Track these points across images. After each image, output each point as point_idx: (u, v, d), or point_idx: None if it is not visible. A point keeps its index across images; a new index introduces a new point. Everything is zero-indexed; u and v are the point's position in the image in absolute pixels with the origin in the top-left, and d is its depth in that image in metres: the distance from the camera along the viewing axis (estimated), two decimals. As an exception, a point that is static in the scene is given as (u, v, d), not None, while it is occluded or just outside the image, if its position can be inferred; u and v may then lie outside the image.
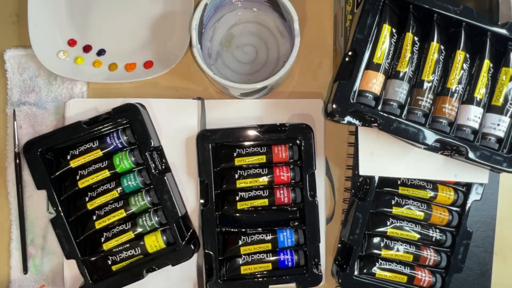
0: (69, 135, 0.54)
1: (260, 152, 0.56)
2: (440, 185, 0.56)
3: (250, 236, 0.56)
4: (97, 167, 0.54)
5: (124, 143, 0.54)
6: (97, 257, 0.55)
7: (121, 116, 0.54)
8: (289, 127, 0.56)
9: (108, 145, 0.54)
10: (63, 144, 0.55)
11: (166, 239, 0.54)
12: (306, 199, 0.56)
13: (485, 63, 0.49)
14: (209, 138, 0.55)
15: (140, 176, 0.55)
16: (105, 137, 0.54)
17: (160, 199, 0.54)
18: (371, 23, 0.48)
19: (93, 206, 0.54)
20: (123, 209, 0.54)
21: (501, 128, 0.49)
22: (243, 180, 0.55)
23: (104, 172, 0.54)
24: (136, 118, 0.54)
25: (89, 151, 0.54)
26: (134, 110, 0.54)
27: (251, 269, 0.55)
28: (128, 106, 0.54)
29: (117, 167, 0.54)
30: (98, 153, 0.54)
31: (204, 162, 0.55)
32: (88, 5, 0.60)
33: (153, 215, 0.55)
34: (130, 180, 0.54)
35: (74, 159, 0.54)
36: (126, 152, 0.55)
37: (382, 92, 0.49)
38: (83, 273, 0.54)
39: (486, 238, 0.59)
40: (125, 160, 0.54)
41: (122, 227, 0.55)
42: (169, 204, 0.54)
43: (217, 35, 0.60)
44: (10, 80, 0.59)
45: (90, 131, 0.54)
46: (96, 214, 0.54)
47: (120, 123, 0.55)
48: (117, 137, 0.54)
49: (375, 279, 0.55)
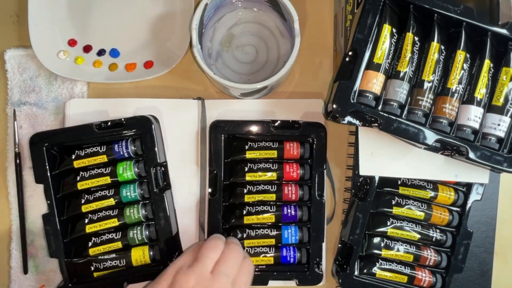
0: (79, 135, 0.54)
1: (272, 147, 0.56)
2: (441, 185, 0.56)
3: (255, 230, 0.56)
4: (100, 172, 0.54)
5: (131, 153, 0.54)
6: (81, 261, 0.55)
7: (133, 126, 0.54)
8: (303, 124, 0.56)
9: (115, 153, 0.54)
10: (70, 143, 0.55)
11: (152, 255, 0.54)
12: (313, 198, 0.56)
13: (486, 63, 0.49)
14: (222, 129, 0.55)
15: (140, 189, 0.54)
16: (113, 143, 0.54)
17: (155, 215, 0.54)
18: (371, 23, 0.48)
19: (87, 209, 0.54)
20: (117, 218, 0.54)
21: (501, 128, 0.49)
22: (252, 174, 0.56)
23: (105, 178, 0.54)
24: (147, 131, 0.54)
25: (95, 154, 0.54)
26: (147, 123, 0.54)
27: (252, 261, 0.55)
28: (141, 118, 0.54)
29: (119, 176, 0.54)
30: (103, 158, 0.54)
31: (215, 152, 0.55)
32: (88, 5, 0.60)
33: (145, 229, 0.54)
34: (129, 191, 0.54)
35: (79, 159, 0.54)
36: (131, 162, 0.54)
37: (383, 92, 0.49)
38: (64, 274, 0.54)
39: (486, 238, 0.59)
40: (129, 170, 0.54)
41: (112, 236, 0.54)
42: (163, 222, 0.54)
43: (218, 35, 0.60)
44: (10, 80, 0.59)
45: (100, 135, 0.54)
46: (88, 218, 0.54)
47: (131, 133, 0.55)
48: (125, 146, 0.54)
49: (375, 279, 0.55)
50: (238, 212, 0.56)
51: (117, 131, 0.54)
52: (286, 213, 0.56)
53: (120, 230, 0.55)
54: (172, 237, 0.55)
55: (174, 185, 0.58)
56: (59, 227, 0.54)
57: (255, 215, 0.55)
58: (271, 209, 0.56)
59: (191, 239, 0.58)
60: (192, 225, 0.58)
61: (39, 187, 0.55)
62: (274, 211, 0.56)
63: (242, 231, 0.56)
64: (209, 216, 0.56)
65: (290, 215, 0.56)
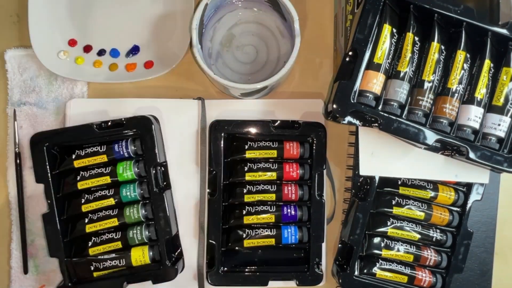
0: (79, 135, 0.54)
1: (271, 146, 0.56)
2: (441, 185, 0.56)
3: (255, 230, 0.56)
4: (100, 171, 0.54)
5: (131, 153, 0.55)
6: (81, 260, 0.55)
7: (134, 126, 0.54)
8: (302, 124, 0.56)
9: (115, 152, 0.54)
10: (70, 143, 0.55)
11: (152, 255, 0.54)
12: (313, 198, 0.56)
13: (486, 63, 0.49)
14: (222, 128, 0.55)
15: (140, 189, 0.54)
16: (113, 143, 0.54)
17: (155, 215, 0.54)
18: (371, 23, 0.48)
19: (88, 209, 0.54)
20: (117, 218, 0.54)
21: (501, 128, 0.49)
22: (252, 173, 0.56)
23: (105, 178, 0.54)
24: (147, 131, 0.54)
25: (95, 154, 0.54)
26: (147, 123, 0.54)
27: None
28: (142, 118, 0.54)
29: (119, 176, 0.54)
30: (103, 158, 0.54)
31: (215, 152, 0.55)
32: (88, 5, 0.60)
33: (145, 229, 0.54)
34: (129, 191, 0.54)
35: (79, 159, 0.54)
36: (131, 162, 0.54)
37: (383, 92, 0.49)
38: (64, 273, 0.54)
39: (486, 238, 0.59)
40: (129, 170, 0.54)
41: (112, 235, 0.54)
42: (162, 222, 0.54)
43: (218, 35, 0.60)
44: (10, 80, 0.59)
45: (100, 135, 0.54)
46: (88, 218, 0.54)
47: (131, 133, 0.55)
48: (125, 146, 0.54)
49: (375, 279, 0.54)
50: (237, 212, 0.56)
51: (117, 131, 0.54)
52: (286, 213, 0.56)
53: (120, 230, 0.55)
54: (172, 237, 0.55)
55: (174, 185, 0.58)
56: (59, 226, 0.54)
57: (255, 215, 0.55)
58: (271, 209, 0.56)
59: (191, 239, 0.58)
60: (191, 225, 0.58)
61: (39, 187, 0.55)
62: (274, 211, 0.56)
63: (242, 231, 0.56)
64: (209, 216, 0.56)
65: (290, 215, 0.56)
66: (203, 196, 0.58)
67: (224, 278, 0.55)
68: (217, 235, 0.55)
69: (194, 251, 0.58)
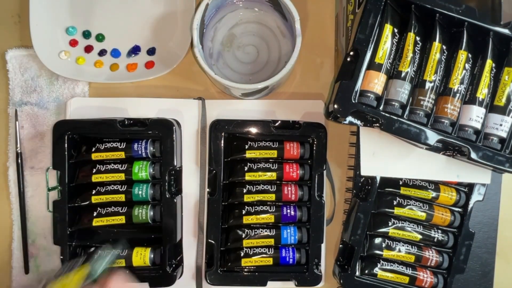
0: (101, 129, 0.55)
1: (272, 147, 0.56)
2: (442, 186, 0.56)
3: (254, 230, 0.56)
4: (115, 167, 0.55)
5: (149, 154, 0.55)
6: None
7: (156, 128, 0.54)
8: (303, 124, 0.56)
9: (134, 151, 0.55)
10: (92, 135, 0.56)
11: (152, 258, 0.54)
12: (313, 199, 0.56)
13: (488, 63, 0.49)
14: (222, 128, 0.55)
15: (152, 190, 0.55)
16: (133, 142, 0.55)
17: (163, 219, 0.54)
18: (372, 23, 0.48)
19: (97, 201, 0.55)
20: (124, 216, 0.54)
21: (503, 129, 0.49)
22: (252, 173, 0.56)
23: (120, 175, 0.54)
24: (169, 135, 0.54)
25: (113, 150, 0.55)
26: (169, 127, 0.54)
27: (252, 262, 0.55)
28: (165, 121, 0.55)
29: (134, 175, 0.54)
30: (121, 155, 0.55)
31: (215, 151, 0.55)
32: (89, 5, 0.60)
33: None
34: (141, 190, 0.54)
35: (97, 152, 0.55)
36: (148, 163, 0.55)
37: (384, 92, 0.49)
38: (63, 263, 0.54)
39: (488, 239, 0.59)
40: (144, 171, 0.54)
41: None
42: (169, 228, 0.54)
43: (219, 35, 0.60)
44: (11, 80, 0.59)
45: (121, 132, 0.54)
46: (97, 211, 0.54)
47: (152, 134, 0.55)
48: (145, 146, 0.55)
49: (376, 280, 0.54)
50: (237, 212, 0.56)
51: (139, 131, 0.55)
52: (286, 214, 0.56)
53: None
54: (175, 244, 0.55)
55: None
56: (67, 215, 0.54)
57: (254, 215, 0.55)
58: (271, 209, 0.56)
59: (190, 238, 0.58)
60: (191, 224, 0.58)
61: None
62: (274, 211, 0.56)
63: (241, 231, 0.56)
64: (208, 216, 0.56)
65: (289, 216, 0.56)
66: (202, 195, 0.58)
67: (223, 278, 0.55)
68: (217, 235, 0.55)
69: (193, 250, 0.58)
